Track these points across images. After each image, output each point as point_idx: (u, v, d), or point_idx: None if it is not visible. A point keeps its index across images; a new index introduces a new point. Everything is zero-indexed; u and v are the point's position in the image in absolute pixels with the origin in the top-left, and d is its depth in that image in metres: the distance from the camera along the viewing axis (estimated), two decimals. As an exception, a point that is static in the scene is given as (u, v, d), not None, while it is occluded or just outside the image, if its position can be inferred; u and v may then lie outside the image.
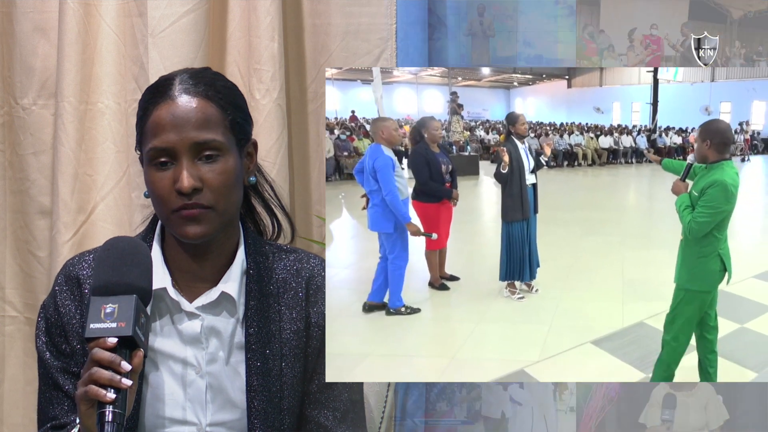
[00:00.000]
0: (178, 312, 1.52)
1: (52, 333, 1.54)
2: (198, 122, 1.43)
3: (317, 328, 1.58)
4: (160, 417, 1.52)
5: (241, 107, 1.53)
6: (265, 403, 1.52)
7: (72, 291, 1.54)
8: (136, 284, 1.33)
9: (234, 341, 1.54)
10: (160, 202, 1.45)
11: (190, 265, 1.53)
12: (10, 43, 2.50)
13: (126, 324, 1.28)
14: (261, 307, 1.54)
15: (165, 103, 1.44)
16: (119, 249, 1.37)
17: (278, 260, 1.59)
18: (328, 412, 1.60)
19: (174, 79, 1.47)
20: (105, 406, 1.26)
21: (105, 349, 1.28)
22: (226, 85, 1.53)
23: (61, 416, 1.54)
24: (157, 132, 1.43)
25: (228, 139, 1.47)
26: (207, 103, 1.46)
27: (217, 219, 1.46)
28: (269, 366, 1.53)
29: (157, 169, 1.44)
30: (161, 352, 1.52)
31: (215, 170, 1.44)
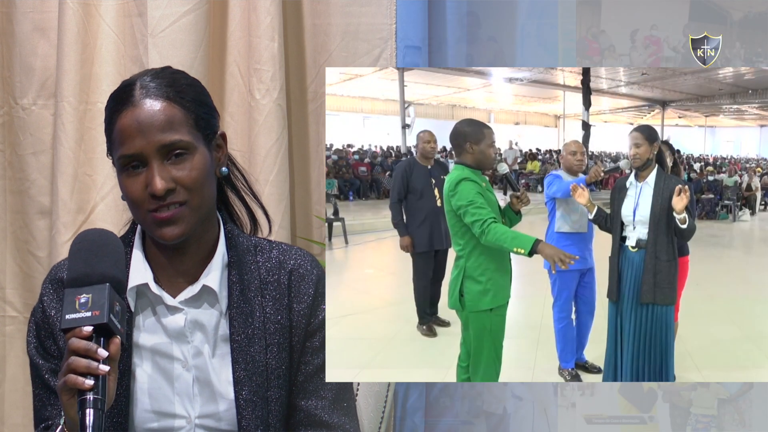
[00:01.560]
0: (161, 307, 1.54)
1: (41, 336, 1.57)
2: (162, 125, 1.44)
3: (301, 319, 1.59)
4: (149, 411, 1.54)
5: (204, 102, 1.53)
6: (252, 394, 1.54)
7: (57, 293, 1.56)
8: (108, 273, 1.34)
9: (218, 334, 1.56)
10: (136, 206, 1.47)
11: (170, 261, 1.55)
12: (10, 43, 2.50)
13: (100, 312, 1.30)
14: (244, 299, 1.56)
15: (128, 109, 1.45)
16: (89, 240, 1.38)
17: (260, 253, 1.61)
18: (317, 400, 1.62)
19: (134, 84, 1.48)
20: (85, 394, 1.27)
21: (81, 338, 1.29)
22: (188, 82, 1.53)
23: (55, 417, 1.55)
24: (123, 139, 1.44)
25: (194, 136, 1.48)
26: (169, 105, 1.46)
27: (193, 216, 1.48)
28: (254, 357, 1.55)
29: (128, 175, 1.46)
30: (147, 348, 1.54)
31: (185, 168, 1.46)
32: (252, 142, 2.40)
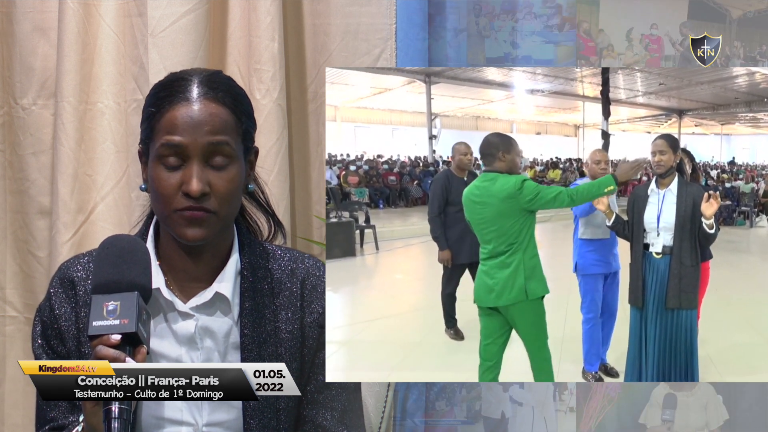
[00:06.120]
0: (172, 312, 1.53)
1: (48, 335, 1.55)
2: (214, 127, 1.44)
3: (313, 328, 1.58)
4: (157, 417, 1.52)
5: (251, 115, 1.54)
6: (261, 403, 1.52)
7: (67, 293, 1.54)
8: (136, 281, 1.33)
9: (229, 341, 1.54)
10: (164, 201, 1.45)
11: (184, 264, 1.53)
12: (10, 43, 2.50)
13: (129, 321, 1.29)
14: (256, 308, 1.54)
15: (182, 103, 1.44)
16: (118, 247, 1.37)
17: (273, 261, 1.60)
18: (326, 412, 1.60)
19: (191, 80, 1.47)
20: (111, 403, 1.26)
21: (109, 346, 1.28)
22: (240, 92, 1.53)
23: (60, 418, 1.54)
24: (171, 129, 1.43)
25: (238, 147, 1.48)
26: (224, 110, 1.46)
27: (218, 224, 1.47)
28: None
29: (165, 168, 1.44)
30: (156, 353, 1.52)
31: (224, 177, 1.45)
32: (252, 141, 2.40)
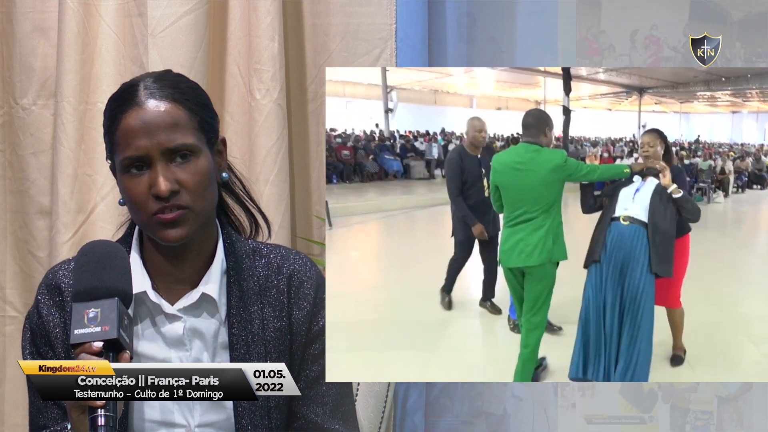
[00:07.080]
0: (160, 315, 1.52)
1: (37, 342, 1.55)
2: (168, 126, 1.43)
3: (301, 325, 1.58)
4: (149, 420, 1.52)
5: (207, 105, 1.53)
6: (252, 402, 1.52)
7: (54, 299, 1.53)
8: (116, 287, 1.33)
9: (218, 342, 1.54)
10: (137, 208, 1.45)
11: (169, 267, 1.53)
12: (10, 43, 2.50)
13: (110, 327, 1.28)
14: (243, 307, 1.54)
15: (132, 109, 1.43)
16: (97, 253, 1.37)
17: (258, 258, 1.59)
18: (317, 407, 1.60)
19: (138, 85, 1.46)
20: (96, 411, 1.25)
21: (91, 354, 1.27)
22: (191, 85, 1.52)
23: (52, 424, 1.54)
24: (128, 140, 1.42)
25: (199, 139, 1.47)
26: (174, 106, 1.45)
27: (195, 219, 1.46)
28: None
29: (131, 176, 1.44)
30: (145, 356, 1.52)
31: (190, 171, 1.44)
32: (252, 142, 2.40)
